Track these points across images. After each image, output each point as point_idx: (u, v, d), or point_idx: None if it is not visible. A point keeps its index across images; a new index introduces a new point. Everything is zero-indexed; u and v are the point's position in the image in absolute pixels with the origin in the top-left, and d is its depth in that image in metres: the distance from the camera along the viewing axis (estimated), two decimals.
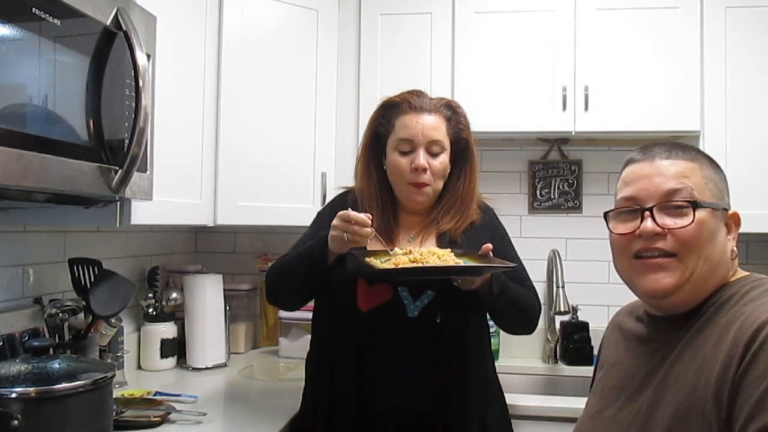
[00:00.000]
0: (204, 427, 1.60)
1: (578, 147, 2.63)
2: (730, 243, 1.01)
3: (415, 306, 1.52)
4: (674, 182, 0.99)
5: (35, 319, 1.61)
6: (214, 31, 2.04)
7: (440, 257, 1.41)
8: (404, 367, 1.51)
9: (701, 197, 0.99)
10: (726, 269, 1.00)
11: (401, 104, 1.58)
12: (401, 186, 1.58)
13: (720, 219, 1.00)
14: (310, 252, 1.50)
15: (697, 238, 0.97)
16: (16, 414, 1.10)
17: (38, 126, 1.12)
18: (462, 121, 1.61)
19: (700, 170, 1.01)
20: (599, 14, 2.27)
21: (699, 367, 0.91)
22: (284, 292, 1.63)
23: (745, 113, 2.22)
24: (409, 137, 1.54)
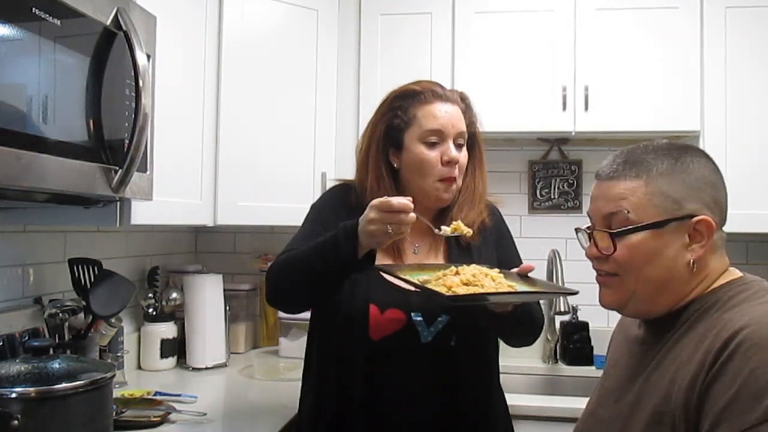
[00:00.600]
0: (204, 427, 1.60)
1: (578, 147, 2.63)
2: (687, 254, 0.97)
3: (429, 332, 1.40)
4: (612, 206, 1.00)
5: (35, 319, 1.61)
6: (214, 31, 2.04)
7: (494, 279, 1.27)
8: (416, 392, 1.40)
9: (641, 217, 0.97)
10: (682, 282, 0.98)
11: (423, 93, 1.45)
12: (428, 182, 1.43)
13: (671, 233, 0.97)
14: (334, 245, 1.30)
15: (629, 261, 0.99)
16: (16, 414, 1.10)
17: (38, 126, 1.12)
18: (474, 114, 1.52)
19: (645, 186, 0.98)
20: (599, 14, 2.27)
21: (675, 372, 0.91)
22: (291, 292, 1.43)
23: (745, 113, 2.22)
24: (440, 127, 1.42)
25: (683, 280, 0.98)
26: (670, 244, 0.97)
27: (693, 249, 0.97)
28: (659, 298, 1.00)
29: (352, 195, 1.50)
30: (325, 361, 1.46)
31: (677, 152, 1.01)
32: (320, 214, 1.52)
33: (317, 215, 1.53)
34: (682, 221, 0.97)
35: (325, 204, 1.55)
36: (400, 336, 1.39)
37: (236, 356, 2.41)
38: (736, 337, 0.85)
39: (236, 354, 2.43)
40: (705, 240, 0.97)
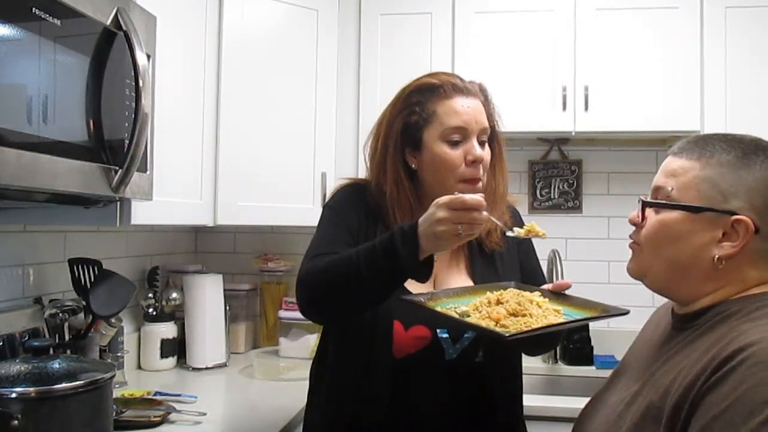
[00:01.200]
0: (204, 427, 1.60)
1: (578, 147, 2.63)
2: (716, 249, 0.94)
3: (454, 349, 1.31)
4: (662, 180, 1.01)
5: (35, 319, 1.61)
6: (214, 31, 2.04)
7: (540, 305, 1.17)
8: (438, 411, 1.31)
9: (682, 197, 0.97)
10: (703, 275, 0.97)
11: (442, 87, 1.33)
12: (449, 184, 1.30)
13: (704, 222, 0.95)
14: (389, 250, 1.16)
15: (653, 236, 1.00)
16: (16, 414, 1.10)
17: (38, 126, 1.12)
18: (493, 107, 1.40)
19: (700, 169, 0.96)
20: (599, 14, 2.27)
21: (679, 372, 0.90)
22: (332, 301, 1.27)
23: (745, 113, 2.22)
24: (463, 125, 1.30)
25: (705, 274, 0.96)
26: (699, 232, 0.95)
27: (723, 246, 0.94)
28: (678, 282, 1.00)
29: (368, 196, 1.39)
30: (342, 377, 1.36)
31: (751, 148, 0.97)
32: (340, 215, 1.39)
33: (337, 216, 1.39)
34: (720, 214, 0.94)
35: (342, 204, 1.42)
36: (423, 354, 1.30)
37: (236, 356, 2.41)
38: (744, 351, 0.83)
39: (236, 354, 2.43)
40: (739, 241, 0.93)
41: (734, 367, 0.82)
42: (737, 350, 0.84)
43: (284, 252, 2.61)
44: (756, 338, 0.84)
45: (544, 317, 1.14)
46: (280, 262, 2.57)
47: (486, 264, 1.38)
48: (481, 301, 1.19)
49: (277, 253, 2.61)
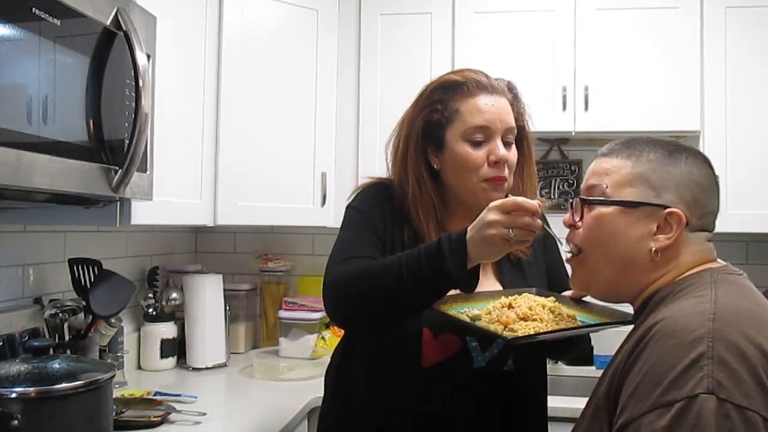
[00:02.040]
0: (204, 427, 1.60)
1: (578, 147, 2.63)
2: (652, 242, 0.97)
3: (483, 357, 1.28)
4: (595, 179, 1.03)
5: (35, 319, 1.61)
6: (214, 31, 2.04)
7: (552, 310, 1.16)
8: (466, 420, 1.27)
9: (617, 194, 0.99)
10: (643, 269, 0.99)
11: (465, 84, 1.28)
12: (472, 184, 1.27)
13: (640, 216, 0.98)
14: (435, 257, 1.11)
15: (593, 232, 1.01)
16: (16, 414, 1.10)
17: (38, 126, 1.12)
18: (522, 107, 1.36)
19: (631, 167, 1.00)
20: (599, 14, 2.27)
21: (616, 364, 0.92)
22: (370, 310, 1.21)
23: (745, 113, 2.22)
24: (486, 124, 1.25)
25: (644, 267, 0.99)
26: (636, 226, 0.98)
27: (658, 239, 0.97)
28: (622, 282, 1.01)
29: (393, 196, 1.34)
30: (368, 385, 1.31)
31: (674, 147, 1.03)
32: (365, 215, 1.33)
33: (362, 217, 1.33)
34: (654, 208, 0.98)
35: (367, 205, 1.35)
36: (452, 362, 1.26)
37: (236, 356, 2.41)
38: (654, 328, 0.86)
39: (236, 354, 2.43)
40: (673, 233, 0.97)
41: (644, 345, 0.85)
42: (648, 328, 0.87)
43: (284, 252, 2.61)
44: (665, 314, 0.87)
45: (555, 323, 1.13)
46: (280, 262, 2.57)
47: (515, 272, 1.35)
48: (494, 305, 1.17)
49: (277, 253, 2.61)
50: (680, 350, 0.80)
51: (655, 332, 0.85)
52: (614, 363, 0.93)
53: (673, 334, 0.83)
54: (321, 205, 2.26)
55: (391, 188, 1.35)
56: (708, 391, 0.76)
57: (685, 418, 0.75)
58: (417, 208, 1.30)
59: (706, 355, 0.78)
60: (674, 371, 0.79)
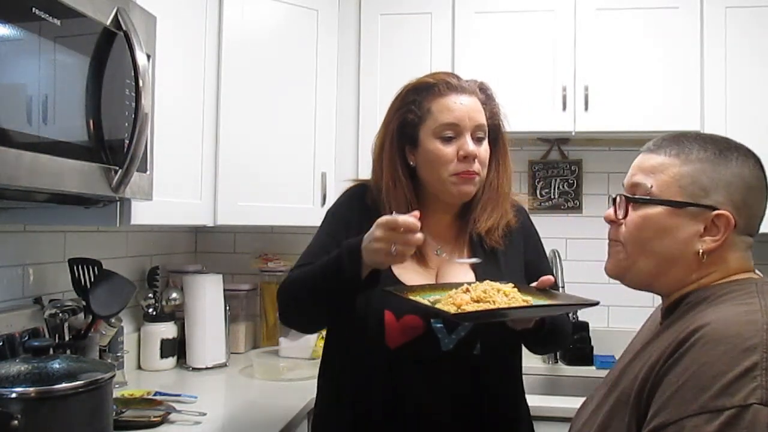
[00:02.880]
0: (204, 427, 1.60)
1: (578, 147, 2.63)
2: (699, 243, 0.96)
3: (450, 339, 1.32)
4: (639, 176, 1.01)
5: (35, 319, 1.61)
6: (214, 31, 2.04)
7: (507, 294, 1.21)
8: (438, 404, 1.31)
9: (663, 193, 0.98)
10: (687, 269, 0.98)
11: (436, 85, 1.36)
12: (443, 179, 1.34)
13: (686, 217, 0.96)
14: (338, 265, 1.25)
15: (638, 232, 1.00)
16: (16, 414, 1.10)
17: (38, 126, 1.12)
18: (496, 106, 1.42)
19: (679, 166, 0.98)
20: (599, 14, 2.27)
21: (648, 359, 0.92)
22: (302, 312, 1.38)
23: (745, 113, 2.22)
24: (455, 121, 1.32)
25: (689, 267, 0.98)
26: (683, 227, 0.97)
27: (705, 240, 0.96)
28: (661, 276, 1.00)
29: (368, 196, 1.43)
30: (342, 368, 1.40)
31: (725, 145, 1.00)
32: (332, 222, 1.45)
33: (328, 225, 1.45)
34: (701, 209, 0.96)
35: (338, 209, 1.47)
36: (418, 344, 1.31)
37: (236, 356, 2.41)
38: (699, 331, 0.85)
39: (236, 354, 2.43)
40: (720, 235, 0.95)
41: (688, 347, 0.84)
42: (692, 331, 0.86)
43: (284, 252, 2.61)
44: (711, 318, 0.86)
45: (506, 305, 1.18)
46: (280, 262, 2.57)
47: (489, 263, 1.39)
48: (456, 291, 1.23)
49: (277, 253, 2.61)
50: (732, 357, 0.80)
51: (702, 335, 0.84)
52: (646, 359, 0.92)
53: (724, 340, 0.82)
54: (321, 205, 2.26)
55: (368, 187, 1.44)
56: (762, 402, 0.76)
57: (736, 427, 0.75)
58: (390, 203, 1.36)
59: (760, 365, 0.78)
60: (725, 378, 0.78)
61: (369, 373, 1.33)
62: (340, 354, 1.41)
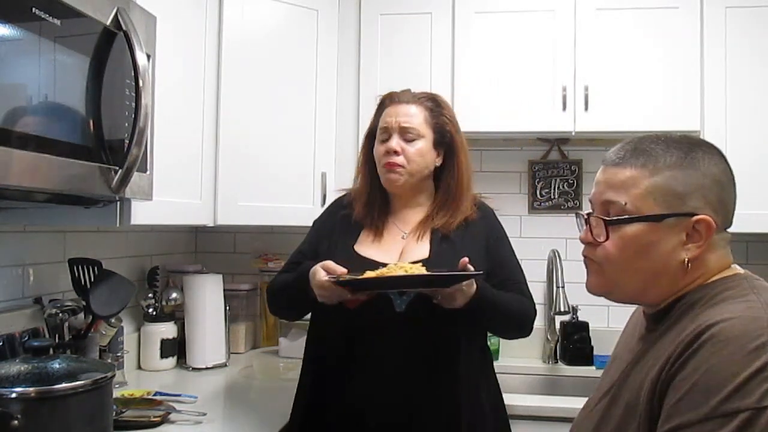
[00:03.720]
0: (204, 427, 1.60)
1: (578, 147, 2.63)
2: (683, 252, 0.94)
3: (402, 300, 1.53)
4: (610, 194, 0.98)
5: (35, 319, 1.61)
6: (214, 31, 2.04)
7: (407, 271, 1.42)
8: (393, 363, 1.51)
9: (639, 208, 0.95)
10: (674, 279, 0.96)
11: (385, 100, 1.67)
12: (380, 170, 1.63)
13: (667, 228, 0.94)
14: (299, 284, 1.54)
15: (619, 253, 0.96)
16: (16, 414, 1.10)
17: (38, 126, 1.12)
18: (445, 114, 1.65)
19: (649, 177, 0.95)
20: (599, 14, 2.27)
21: (650, 367, 0.90)
22: (283, 309, 1.77)
23: (745, 113, 2.22)
24: (386, 125, 1.62)
25: (675, 277, 0.96)
26: (665, 239, 0.94)
27: (689, 248, 0.94)
28: (649, 291, 0.98)
29: (346, 197, 1.72)
30: (309, 330, 1.68)
31: (688, 146, 0.97)
32: (311, 232, 1.74)
33: (309, 234, 1.74)
34: (681, 218, 0.94)
35: (321, 216, 1.77)
36: (375, 304, 1.51)
37: (236, 356, 2.41)
38: (705, 333, 0.83)
39: (236, 354, 2.43)
40: (702, 240, 0.94)
41: (696, 349, 0.83)
42: (699, 333, 0.84)
43: (284, 252, 2.58)
44: (717, 319, 0.85)
45: None
46: (280, 262, 2.56)
47: (444, 244, 1.60)
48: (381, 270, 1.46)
49: (277, 253, 2.61)
50: (742, 357, 0.79)
51: (709, 337, 0.82)
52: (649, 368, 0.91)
53: (732, 340, 0.81)
54: (321, 205, 2.25)
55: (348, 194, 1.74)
56: None
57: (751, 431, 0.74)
58: (358, 192, 1.68)
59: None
60: (736, 380, 0.77)
61: (331, 332, 1.57)
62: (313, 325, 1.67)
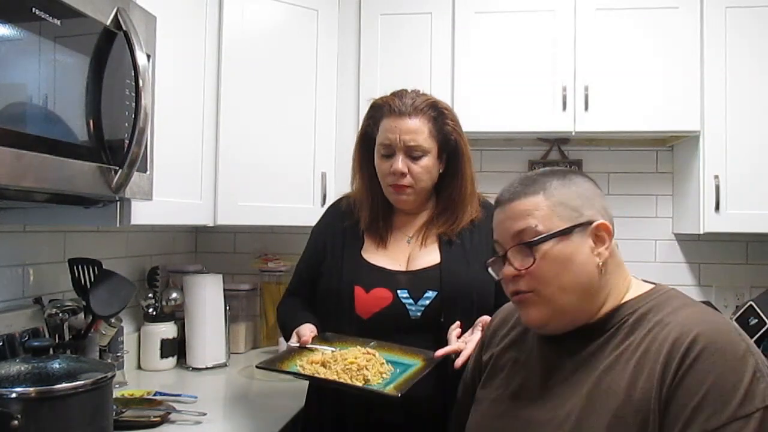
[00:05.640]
0: (204, 427, 1.60)
1: (578, 147, 2.63)
2: (595, 258, 1.02)
3: (417, 307, 1.50)
4: (520, 222, 1.05)
5: (35, 319, 1.61)
6: (214, 31, 2.04)
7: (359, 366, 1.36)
8: None
9: (548, 227, 1.03)
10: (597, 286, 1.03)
11: (383, 107, 1.57)
12: (384, 188, 1.59)
13: (577, 238, 1.03)
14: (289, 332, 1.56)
15: (546, 271, 1.02)
16: (16, 414, 1.10)
17: (38, 126, 1.12)
18: (449, 123, 1.57)
19: (546, 199, 1.04)
20: (599, 14, 2.27)
21: (633, 375, 0.95)
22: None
23: (745, 113, 2.22)
24: (388, 142, 1.53)
25: (598, 285, 1.03)
26: (578, 249, 1.03)
27: (599, 253, 1.03)
28: (583, 306, 1.04)
29: (342, 203, 1.68)
30: None
31: (561, 172, 1.10)
32: (311, 241, 1.69)
33: (310, 244, 1.70)
34: (584, 227, 1.03)
35: (319, 223, 1.72)
36: (388, 313, 1.50)
37: (236, 356, 2.41)
38: (697, 342, 0.92)
39: (236, 354, 2.43)
40: (608, 243, 1.03)
41: (695, 358, 0.91)
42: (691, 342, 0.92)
43: (284, 252, 2.61)
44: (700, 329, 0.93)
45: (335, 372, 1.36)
46: (280, 262, 2.57)
47: (454, 250, 1.57)
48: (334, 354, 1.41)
49: (277, 253, 2.61)
50: (737, 364, 0.90)
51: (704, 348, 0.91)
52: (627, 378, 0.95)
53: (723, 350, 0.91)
54: (321, 205, 2.26)
55: (345, 197, 1.70)
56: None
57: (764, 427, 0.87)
58: (355, 198, 1.64)
59: (758, 368, 0.90)
60: (743, 385, 0.88)
61: None
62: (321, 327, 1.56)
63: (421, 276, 1.53)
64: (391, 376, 1.38)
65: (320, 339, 1.49)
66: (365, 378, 1.34)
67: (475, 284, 1.50)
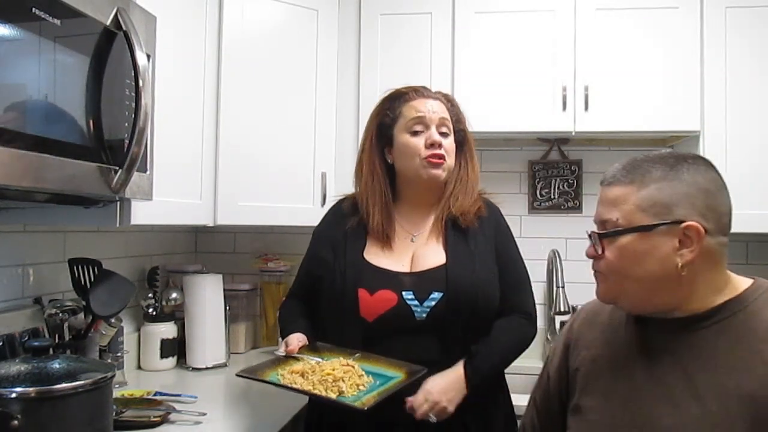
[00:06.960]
0: (204, 427, 1.60)
1: (578, 147, 2.63)
2: (677, 258, 1.01)
3: (422, 309, 1.50)
4: (605, 213, 1.07)
5: (35, 319, 1.61)
6: (214, 31, 2.04)
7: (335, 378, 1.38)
8: None
9: (630, 221, 1.03)
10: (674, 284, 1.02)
11: (407, 93, 1.62)
12: (416, 166, 1.56)
13: (659, 236, 1.02)
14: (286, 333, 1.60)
15: (617, 263, 1.05)
16: (16, 414, 1.10)
17: (38, 126, 1.12)
18: (460, 114, 1.65)
19: (637, 192, 1.04)
20: (599, 14, 2.27)
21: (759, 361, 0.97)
22: None
23: (745, 113, 2.22)
24: (421, 115, 1.57)
25: (675, 282, 1.02)
26: (657, 247, 1.02)
27: (682, 253, 1.01)
28: (653, 298, 1.05)
29: (344, 204, 1.68)
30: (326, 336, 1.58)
31: (674, 160, 1.05)
32: (314, 243, 1.70)
33: (312, 247, 1.70)
34: (671, 226, 1.01)
35: (320, 226, 1.72)
36: (393, 315, 1.49)
37: (236, 356, 2.41)
38: None
39: (236, 354, 2.43)
40: (694, 245, 1.00)
41: None
42: None
43: (284, 252, 2.61)
44: None
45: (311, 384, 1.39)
46: (280, 262, 2.57)
47: (458, 238, 1.57)
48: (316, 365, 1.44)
49: (277, 253, 2.61)
50: None
51: None
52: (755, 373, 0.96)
53: None
54: (321, 205, 2.26)
55: (346, 198, 1.69)
56: None
57: None
58: (366, 197, 1.61)
59: None
60: None
61: (346, 340, 1.51)
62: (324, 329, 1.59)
63: (427, 277, 1.52)
64: (368, 387, 1.39)
65: (309, 349, 1.51)
66: (340, 390, 1.36)
67: (480, 285, 1.51)
